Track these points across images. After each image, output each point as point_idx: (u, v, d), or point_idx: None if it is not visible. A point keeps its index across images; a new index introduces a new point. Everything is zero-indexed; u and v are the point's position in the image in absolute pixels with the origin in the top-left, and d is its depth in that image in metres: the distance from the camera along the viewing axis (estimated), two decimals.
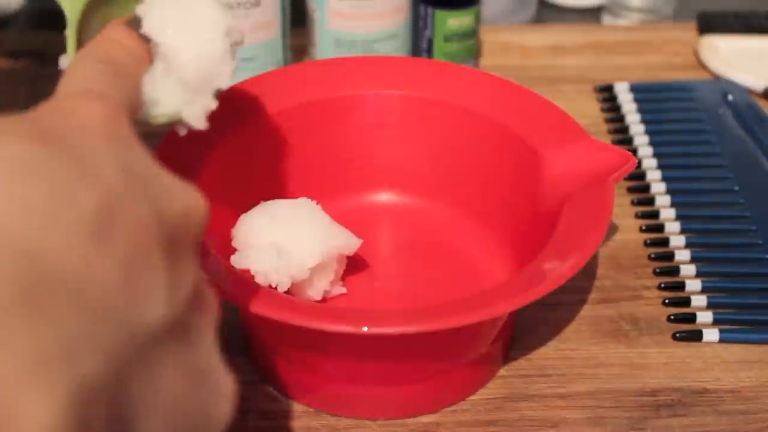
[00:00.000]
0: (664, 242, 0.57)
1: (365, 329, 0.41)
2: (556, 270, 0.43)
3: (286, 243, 0.48)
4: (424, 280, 0.52)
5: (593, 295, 0.54)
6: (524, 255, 0.48)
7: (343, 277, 0.52)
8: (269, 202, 0.50)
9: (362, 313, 0.43)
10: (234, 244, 0.49)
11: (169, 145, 0.50)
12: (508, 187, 0.53)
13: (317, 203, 0.51)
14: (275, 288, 0.47)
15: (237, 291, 0.43)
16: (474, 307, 0.42)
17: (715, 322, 0.53)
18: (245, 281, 0.45)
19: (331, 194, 0.55)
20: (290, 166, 0.55)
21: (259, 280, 0.47)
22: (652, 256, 0.57)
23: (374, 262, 0.53)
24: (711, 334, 0.52)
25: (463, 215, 0.55)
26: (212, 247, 0.45)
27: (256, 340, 0.49)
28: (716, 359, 0.51)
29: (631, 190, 0.62)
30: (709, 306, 0.54)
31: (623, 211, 0.60)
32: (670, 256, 0.57)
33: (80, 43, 0.42)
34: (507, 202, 0.53)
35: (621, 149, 0.50)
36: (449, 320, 0.42)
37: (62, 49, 0.42)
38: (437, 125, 0.55)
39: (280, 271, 0.47)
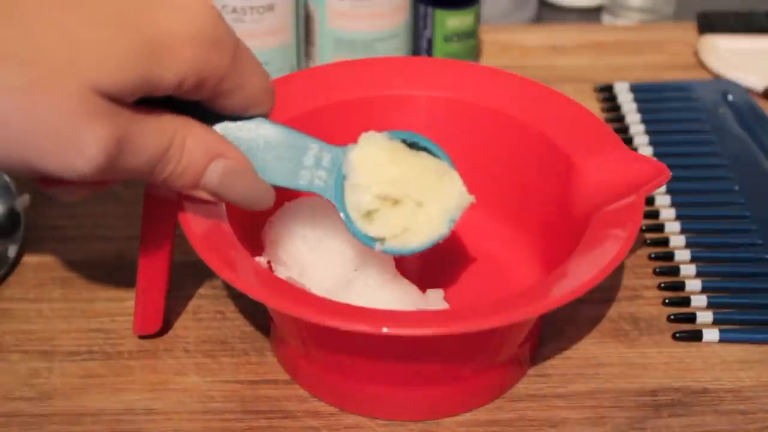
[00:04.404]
0: (664, 242, 0.57)
1: (385, 330, 0.41)
2: (574, 282, 0.43)
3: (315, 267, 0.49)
4: (452, 282, 0.52)
5: (593, 295, 0.54)
6: (553, 261, 0.48)
7: None
8: (296, 207, 0.50)
9: (383, 314, 0.43)
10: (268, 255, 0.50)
11: None
12: (541, 194, 0.53)
13: None
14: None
15: (261, 287, 0.43)
16: (486, 314, 0.42)
17: (715, 322, 0.53)
18: (270, 277, 0.45)
19: None
20: None
21: None
22: (652, 256, 0.57)
23: (403, 263, 0.53)
24: (711, 334, 0.52)
25: (494, 218, 0.55)
26: (238, 242, 0.45)
27: (284, 339, 0.49)
28: (716, 359, 0.51)
29: None
30: (709, 306, 0.54)
31: None
32: (670, 256, 0.57)
33: None
34: (539, 209, 0.53)
35: (655, 161, 0.50)
36: (463, 325, 0.42)
37: None
38: (474, 128, 0.55)
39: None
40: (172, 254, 0.49)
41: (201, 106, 0.42)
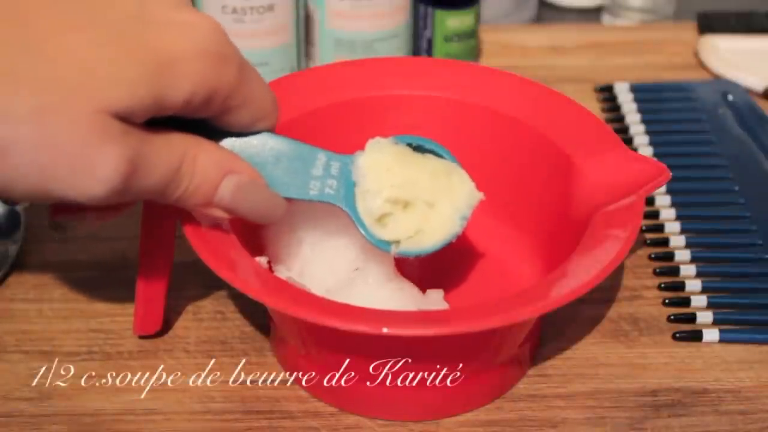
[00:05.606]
0: (664, 242, 0.57)
1: (385, 330, 0.41)
2: (574, 282, 0.43)
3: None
4: (452, 282, 0.52)
5: (593, 295, 0.54)
6: (553, 261, 0.48)
7: None
8: (297, 207, 0.50)
9: (383, 314, 0.43)
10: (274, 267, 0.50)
11: None
12: (541, 194, 0.53)
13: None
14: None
15: (261, 287, 0.43)
16: (486, 315, 0.42)
17: (715, 322, 0.53)
18: (270, 277, 0.45)
19: None
20: None
21: None
22: (652, 256, 0.57)
23: (403, 263, 0.53)
24: (711, 334, 0.52)
25: (494, 218, 0.55)
26: (238, 242, 0.45)
27: (284, 339, 0.49)
28: (716, 359, 0.51)
29: None
30: (709, 306, 0.54)
31: None
32: (670, 256, 0.57)
33: None
34: (539, 209, 0.53)
35: (655, 161, 0.50)
36: (463, 325, 0.42)
37: None
38: (473, 128, 0.55)
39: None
40: (172, 254, 0.49)
41: (207, 125, 0.42)
